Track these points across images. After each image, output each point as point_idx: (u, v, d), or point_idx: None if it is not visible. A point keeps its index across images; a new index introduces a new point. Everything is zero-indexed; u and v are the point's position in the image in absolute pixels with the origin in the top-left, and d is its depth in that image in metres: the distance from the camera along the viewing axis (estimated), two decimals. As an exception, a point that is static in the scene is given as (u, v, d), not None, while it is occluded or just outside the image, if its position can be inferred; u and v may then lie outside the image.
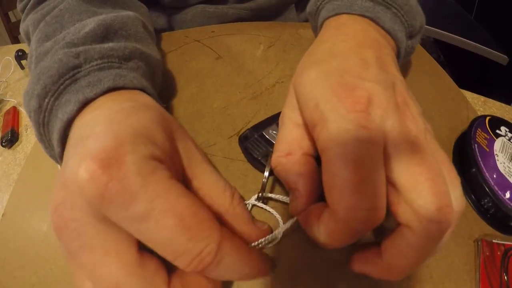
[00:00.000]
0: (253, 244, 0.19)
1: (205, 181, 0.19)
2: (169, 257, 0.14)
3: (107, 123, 0.16)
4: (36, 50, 0.23)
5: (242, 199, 0.21)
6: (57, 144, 0.19)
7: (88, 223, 0.14)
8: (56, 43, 0.22)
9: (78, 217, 0.14)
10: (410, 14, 0.25)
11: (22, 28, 0.30)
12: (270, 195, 0.23)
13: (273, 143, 0.25)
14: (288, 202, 0.22)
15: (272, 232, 0.21)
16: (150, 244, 0.14)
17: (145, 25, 0.29)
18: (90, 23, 0.23)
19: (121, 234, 0.15)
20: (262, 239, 0.19)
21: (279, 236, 0.20)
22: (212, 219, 0.15)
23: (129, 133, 0.15)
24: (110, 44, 0.23)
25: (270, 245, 0.20)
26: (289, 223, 0.20)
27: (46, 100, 0.19)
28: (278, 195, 0.23)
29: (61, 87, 0.20)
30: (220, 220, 0.19)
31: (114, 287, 0.14)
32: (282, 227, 0.20)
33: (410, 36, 0.26)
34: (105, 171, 0.13)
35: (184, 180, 0.19)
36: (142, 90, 0.22)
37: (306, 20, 0.51)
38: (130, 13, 0.28)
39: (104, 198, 0.13)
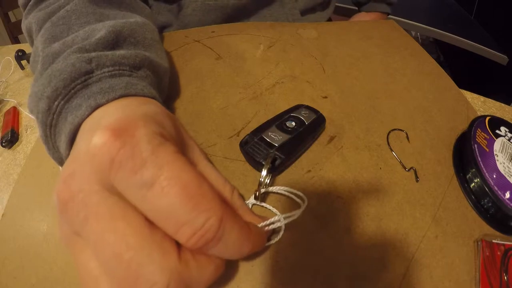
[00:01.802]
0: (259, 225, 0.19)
1: (206, 177, 0.19)
2: (171, 229, 0.14)
3: (119, 109, 0.18)
4: (43, 51, 0.23)
5: (242, 196, 0.21)
6: (65, 146, 0.20)
7: (96, 192, 0.14)
8: (65, 45, 0.23)
9: (85, 187, 0.14)
10: None
11: (24, 25, 0.30)
12: (270, 188, 0.23)
13: (273, 145, 0.25)
14: (286, 193, 0.23)
15: (270, 232, 0.21)
16: (153, 215, 0.14)
17: (153, 30, 0.29)
18: (100, 29, 0.24)
19: (128, 204, 0.14)
20: (264, 222, 0.19)
21: (282, 220, 0.20)
22: (215, 194, 0.15)
23: (140, 115, 0.16)
24: (122, 52, 0.23)
25: (272, 226, 0.20)
26: (290, 213, 0.20)
27: (56, 102, 0.20)
28: (275, 187, 0.23)
29: (72, 91, 0.20)
30: None
31: (123, 251, 0.13)
32: (284, 215, 0.20)
33: None
34: (117, 138, 0.14)
35: None
36: (152, 98, 0.22)
37: (303, 8, 0.51)
38: (138, 19, 0.28)
39: (114, 163, 0.14)
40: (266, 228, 0.19)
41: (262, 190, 0.22)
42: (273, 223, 0.19)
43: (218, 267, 0.16)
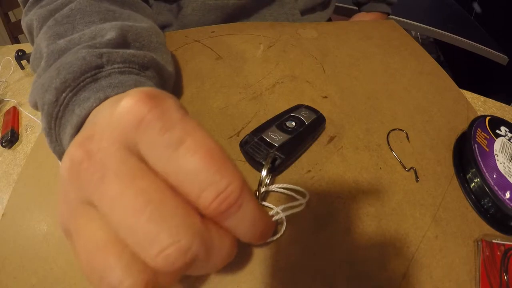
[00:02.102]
0: None
1: None
2: (195, 192, 0.14)
3: (132, 90, 0.17)
4: (48, 47, 0.23)
5: None
6: (69, 138, 0.19)
7: (116, 151, 0.14)
8: (72, 42, 0.23)
9: (106, 145, 0.14)
10: None
11: (24, 22, 0.30)
12: (270, 187, 0.23)
13: (273, 145, 0.25)
14: (286, 190, 0.23)
15: (275, 225, 0.21)
16: (177, 177, 0.14)
17: (158, 33, 0.30)
18: (109, 29, 0.24)
19: (149, 167, 0.14)
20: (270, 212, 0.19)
21: (281, 212, 0.20)
22: (235, 165, 0.15)
23: (160, 91, 0.16)
24: (132, 51, 0.23)
25: (275, 218, 0.20)
26: (293, 203, 0.20)
27: (64, 94, 0.20)
28: (275, 185, 0.23)
29: (81, 84, 0.20)
30: None
31: (144, 206, 0.12)
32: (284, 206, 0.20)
33: None
34: (149, 100, 0.14)
35: None
36: None
37: (303, 8, 0.51)
38: (144, 24, 0.28)
39: (143, 122, 0.14)
40: (272, 218, 0.19)
41: (262, 190, 0.22)
42: (277, 212, 0.20)
43: (233, 245, 0.15)
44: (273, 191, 0.24)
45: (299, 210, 0.21)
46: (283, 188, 0.23)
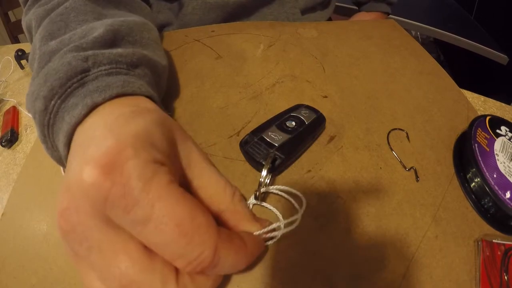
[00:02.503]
0: (255, 233, 0.19)
1: (205, 180, 0.19)
2: (168, 259, 0.15)
3: (107, 128, 0.16)
4: (40, 49, 0.23)
5: (243, 197, 0.21)
6: (63, 147, 0.19)
7: (94, 225, 0.15)
8: (62, 43, 0.22)
9: (83, 220, 0.15)
10: None
11: (24, 21, 0.30)
12: (270, 188, 0.23)
13: (273, 145, 0.25)
14: (285, 194, 0.23)
15: (265, 248, 0.21)
16: (151, 246, 0.15)
17: (150, 29, 0.29)
18: (98, 27, 0.23)
19: (127, 234, 0.15)
20: (263, 230, 0.19)
21: (282, 226, 0.20)
22: (209, 224, 0.16)
23: (129, 137, 0.15)
24: (119, 50, 0.23)
25: (271, 234, 0.20)
26: (291, 218, 0.20)
27: (53, 102, 0.19)
28: (274, 186, 0.23)
29: (69, 90, 0.20)
30: (221, 217, 0.19)
31: (128, 284, 0.14)
32: (284, 220, 0.20)
33: None
34: (107, 177, 0.14)
35: (184, 181, 0.19)
36: (149, 97, 0.22)
37: (304, 7, 0.51)
38: (136, 18, 0.28)
39: (107, 202, 0.14)
40: (265, 235, 0.19)
41: (262, 190, 0.22)
42: (274, 229, 0.20)
43: (216, 281, 0.17)
44: (273, 192, 0.24)
45: (296, 225, 0.21)
46: (282, 191, 0.23)
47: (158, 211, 0.14)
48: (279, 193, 0.23)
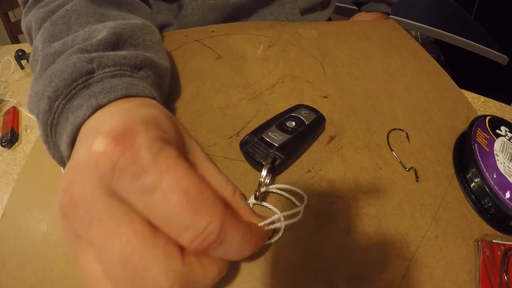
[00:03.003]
0: (259, 224, 0.19)
1: (207, 177, 0.19)
2: (174, 233, 0.14)
3: (119, 113, 0.17)
4: (43, 51, 0.23)
5: (244, 196, 0.21)
6: (66, 147, 0.19)
7: (99, 197, 0.14)
8: (65, 45, 0.23)
9: (88, 192, 0.14)
10: None
11: (24, 23, 0.30)
12: (270, 187, 0.23)
13: (273, 145, 0.25)
14: (285, 193, 0.23)
15: (271, 232, 0.21)
16: (156, 219, 0.14)
17: (153, 31, 0.29)
18: (101, 30, 0.24)
19: (131, 209, 0.15)
20: (264, 222, 0.19)
21: (282, 218, 0.20)
22: (216, 199, 0.15)
23: (140, 118, 0.16)
24: (123, 52, 0.23)
25: (273, 226, 0.20)
26: (293, 210, 0.20)
27: (57, 102, 0.20)
28: (274, 185, 0.23)
29: (73, 91, 0.20)
30: None
31: (128, 255, 0.13)
32: (285, 213, 0.20)
33: None
34: (118, 145, 0.14)
35: None
36: (152, 99, 0.22)
37: (303, 8, 0.51)
38: (138, 21, 0.28)
39: (115, 170, 0.14)
40: (267, 227, 0.19)
41: (262, 190, 0.22)
42: (273, 222, 0.19)
43: (221, 268, 0.16)
44: (273, 192, 0.24)
45: (298, 218, 0.20)
46: (282, 190, 0.23)
47: (166, 180, 0.14)
48: (279, 192, 0.23)
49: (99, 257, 0.14)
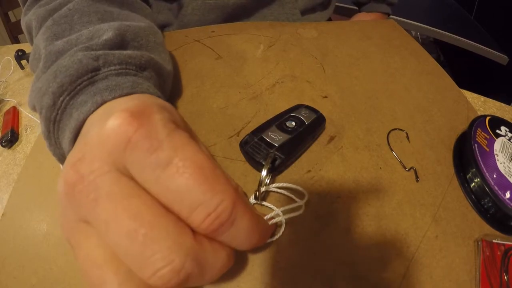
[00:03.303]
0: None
1: None
2: (185, 211, 0.14)
3: (129, 99, 0.18)
4: (46, 48, 0.23)
5: (245, 194, 0.21)
6: (68, 143, 0.19)
7: (107, 172, 0.14)
8: (69, 43, 0.23)
9: (97, 167, 0.14)
10: None
11: (23, 21, 0.30)
12: (270, 186, 0.23)
13: (273, 145, 0.25)
14: (285, 191, 0.23)
15: (275, 227, 0.21)
16: (167, 196, 0.14)
17: (156, 33, 0.29)
18: (106, 30, 0.24)
19: (140, 187, 0.14)
20: (269, 215, 0.19)
21: (280, 214, 0.20)
22: (228, 179, 0.15)
23: (153, 103, 0.17)
24: (128, 52, 0.23)
25: (275, 220, 0.20)
26: (294, 205, 0.21)
27: (61, 98, 0.20)
28: (274, 184, 0.23)
29: (78, 87, 0.20)
30: None
31: (138, 227, 0.12)
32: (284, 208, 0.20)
33: None
34: (135, 120, 0.14)
35: None
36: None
37: (303, 8, 0.51)
38: (141, 23, 0.28)
39: (130, 143, 0.14)
40: (270, 221, 0.19)
41: (262, 190, 0.22)
42: (273, 217, 0.20)
43: (229, 256, 0.16)
44: (273, 191, 0.24)
45: (299, 213, 0.21)
46: (283, 188, 0.23)
47: (180, 154, 0.14)
48: (279, 190, 0.23)
49: (106, 234, 0.13)
